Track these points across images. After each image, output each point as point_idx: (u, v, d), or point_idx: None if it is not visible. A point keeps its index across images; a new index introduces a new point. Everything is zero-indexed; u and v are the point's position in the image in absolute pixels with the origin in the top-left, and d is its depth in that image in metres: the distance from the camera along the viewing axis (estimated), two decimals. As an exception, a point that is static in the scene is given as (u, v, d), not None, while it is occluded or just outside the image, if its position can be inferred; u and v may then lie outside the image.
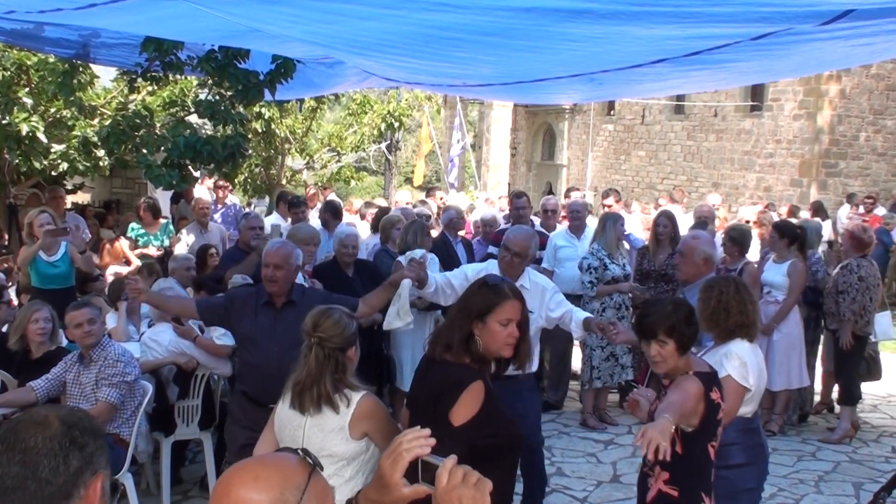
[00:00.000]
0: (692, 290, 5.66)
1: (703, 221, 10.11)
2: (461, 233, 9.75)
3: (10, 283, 8.54)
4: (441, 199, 13.54)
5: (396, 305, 5.54)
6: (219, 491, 1.72)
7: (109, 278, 9.10)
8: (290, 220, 10.76)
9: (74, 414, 1.85)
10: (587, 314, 6.07)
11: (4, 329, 6.82)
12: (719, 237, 8.90)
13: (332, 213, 10.03)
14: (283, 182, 18.19)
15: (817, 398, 9.35)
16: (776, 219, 11.10)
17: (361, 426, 3.72)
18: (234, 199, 14.59)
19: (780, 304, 8.28)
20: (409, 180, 33.52)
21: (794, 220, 10.58)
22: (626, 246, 9.57)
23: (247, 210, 13.59)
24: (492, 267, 5.88)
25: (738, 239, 8.11)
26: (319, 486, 1.76)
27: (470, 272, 5.85)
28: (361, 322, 5.24)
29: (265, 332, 5.23)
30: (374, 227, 10.00)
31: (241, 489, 1.69)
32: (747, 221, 11.00)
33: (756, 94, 21.67)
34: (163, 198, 13.37)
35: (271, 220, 10.99)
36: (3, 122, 10.03)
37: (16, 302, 8.03)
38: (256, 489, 1.68)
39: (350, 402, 3.73)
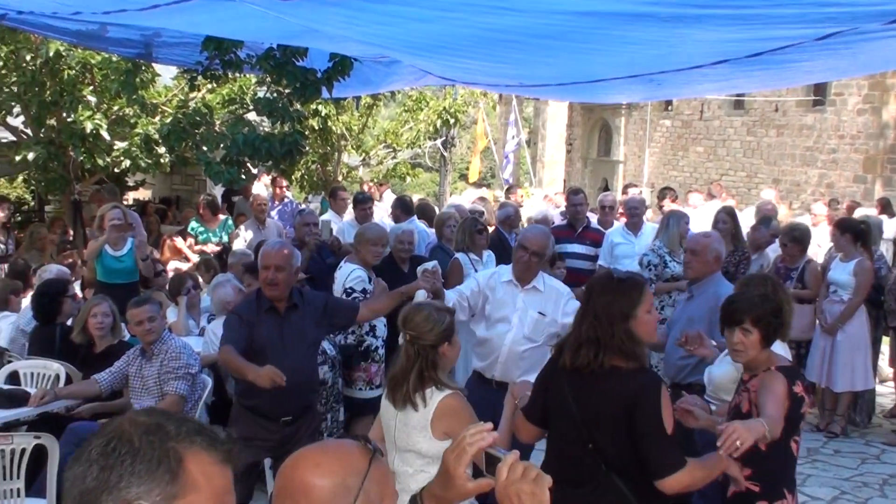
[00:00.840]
0: (700, 288, 5.72)
1: (767, 218, 9.96)
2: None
3: (74, 278, 8.72)
4: (522, 196, 13.52)
5: None
6: (282, 478, 1.78)
7: (170, 273, 9.25)
8: (344, 215, 10.83)
9: (148, 424, 1.52)
10: None
11: (70, 322, 6.97)
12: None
13: (403, 209, 10.15)
14: (339, 178, 18.29)
15: (882, 399, 9.16)
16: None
17: (442, 425, 3.67)
18: (289, 194, 14.74)
19: (845, 303, 8.15)
20: (463, 177, 33.48)
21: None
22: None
23: (303, 207, 13.70)
24: (503, 271, 5.65)
25: (799, 238, 7.99)
26: (380, 471, 1.80)
27: (481, 279, 5.66)
28: None
29: (275, 344, 4.99)
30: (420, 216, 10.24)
31: (305, 475, 1.74)
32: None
33: (818, 88, 21.23)
34: (221, 194, 13.56)
35: (324, 217, 11.06)
36: (68, 119, 10.24)
37: (80, 296, 8.20)
38: (319, 475, 1.74)
39: (431, 400, 3.70)
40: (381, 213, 12.12)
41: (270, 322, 5.05)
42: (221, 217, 11.49)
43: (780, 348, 4.51)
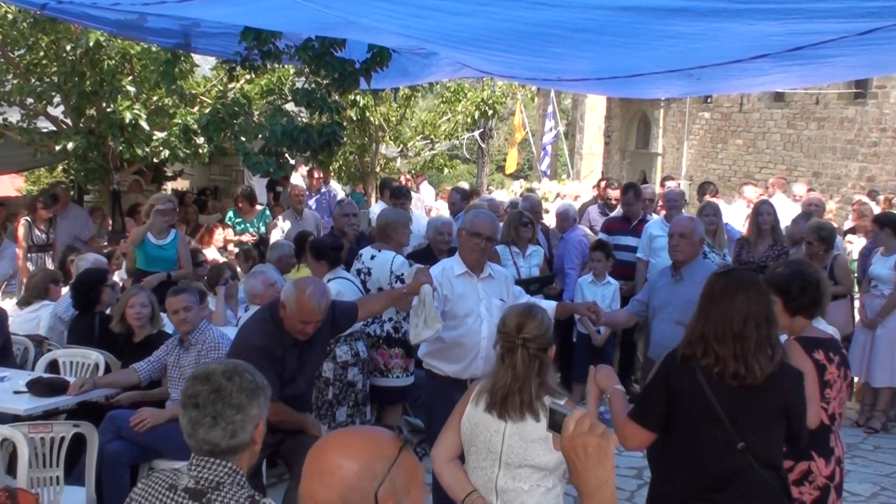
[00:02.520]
0: (689, 271, 5.88)
1: (808, 213, 9.83)
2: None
3: (113, 267, 8.78)
4: (603, 187, 13.48)
5: (421, 315, 5.00)
6: (312, 456, 1.81)
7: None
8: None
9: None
10: (554, 301, 6.01)
11: (109, 311, 7.03)
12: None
13: (462, 197, 10.34)
14: (377, 169, 18.33)
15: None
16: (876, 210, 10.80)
17: None
18: (336, 186, 14.80)
19: (886, 297, 8.08)
20: (501, 168, 33.39)
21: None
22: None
23: (342, 197, 13.74)
24: (450, 264, 5.37)
25: (826, 238, 7.91)
26: (409, 461, 1.82)
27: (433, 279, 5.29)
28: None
29: (295, 372, 4.96)
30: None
31: (332, 455, 1.77)
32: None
33: (860, 81, 20.85)
34: (259, 185, 13.63)
35: (373, 209, 11.05)
36: (108, 109, 10.34)
37: (120, 284, 8.26)
38: (346, 456, 1.76)
39: None
40: (419, 204, 12.14)
41: (293, 356, 4.96)
42: (259, 208, 11.55)
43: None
